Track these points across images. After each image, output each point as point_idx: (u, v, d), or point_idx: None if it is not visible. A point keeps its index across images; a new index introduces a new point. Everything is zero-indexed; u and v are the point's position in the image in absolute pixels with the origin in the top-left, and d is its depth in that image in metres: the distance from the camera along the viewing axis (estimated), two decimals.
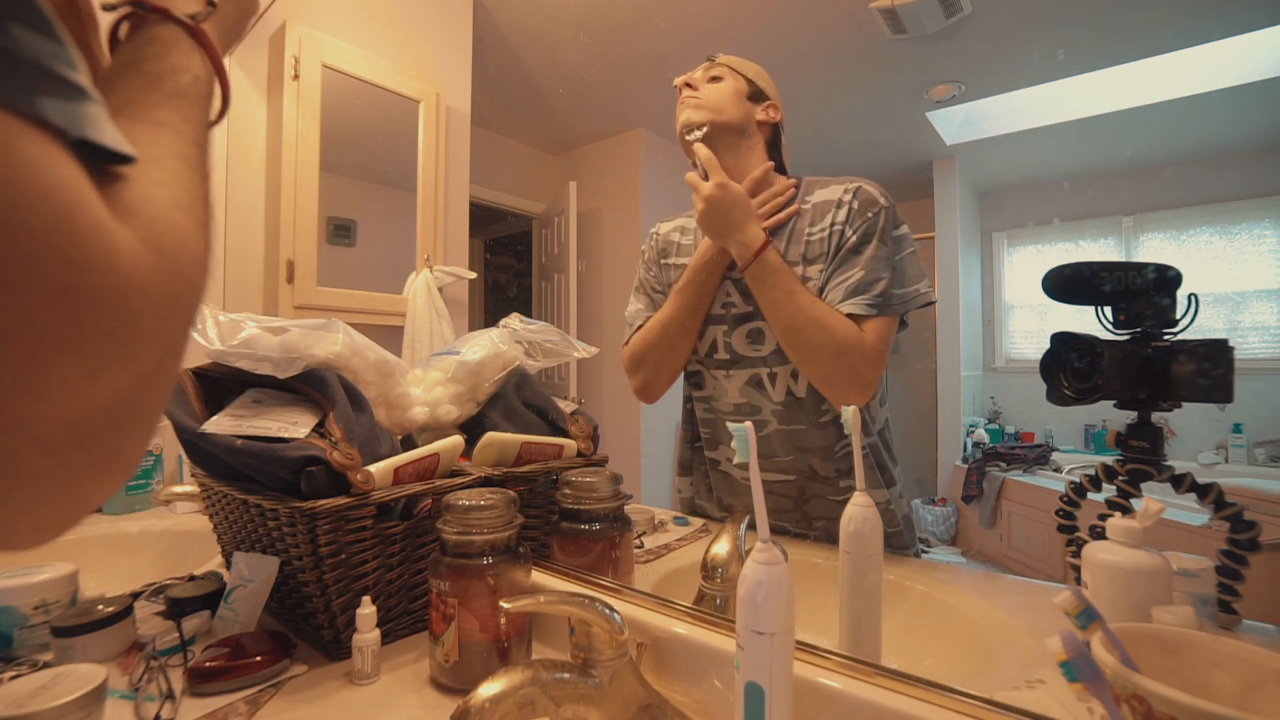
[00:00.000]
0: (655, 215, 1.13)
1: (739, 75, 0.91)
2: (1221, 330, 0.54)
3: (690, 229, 0.99)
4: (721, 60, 0.93)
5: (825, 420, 0.84)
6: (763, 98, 0.91)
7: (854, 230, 0.80)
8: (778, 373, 0.86)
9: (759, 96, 0.91)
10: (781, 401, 0.86)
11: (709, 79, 0.91)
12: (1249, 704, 0.36)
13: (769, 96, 0.92)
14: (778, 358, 0.85)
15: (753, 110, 0.90)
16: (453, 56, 1.69)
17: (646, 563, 0.87)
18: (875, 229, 0.79)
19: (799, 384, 0.85)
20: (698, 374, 0.95)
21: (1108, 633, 0.38)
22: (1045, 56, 0.87)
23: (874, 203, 0.80)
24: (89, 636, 0.65)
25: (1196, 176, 0.83)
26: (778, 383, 0.86)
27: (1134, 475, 0.54)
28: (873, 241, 0.79)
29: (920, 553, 0.86)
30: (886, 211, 0.80)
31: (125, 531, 1.11)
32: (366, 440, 0.74)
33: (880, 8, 1.03)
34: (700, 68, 0.94)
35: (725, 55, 0.93)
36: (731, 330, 0.89)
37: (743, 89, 0.90)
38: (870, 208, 0.80)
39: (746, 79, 0.91)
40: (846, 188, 0.83)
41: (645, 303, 1.00)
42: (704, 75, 0.92)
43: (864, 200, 0.81)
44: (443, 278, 1.58)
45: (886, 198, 0.81)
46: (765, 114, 0.91)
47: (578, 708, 0.49)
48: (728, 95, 0.90)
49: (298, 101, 1.40)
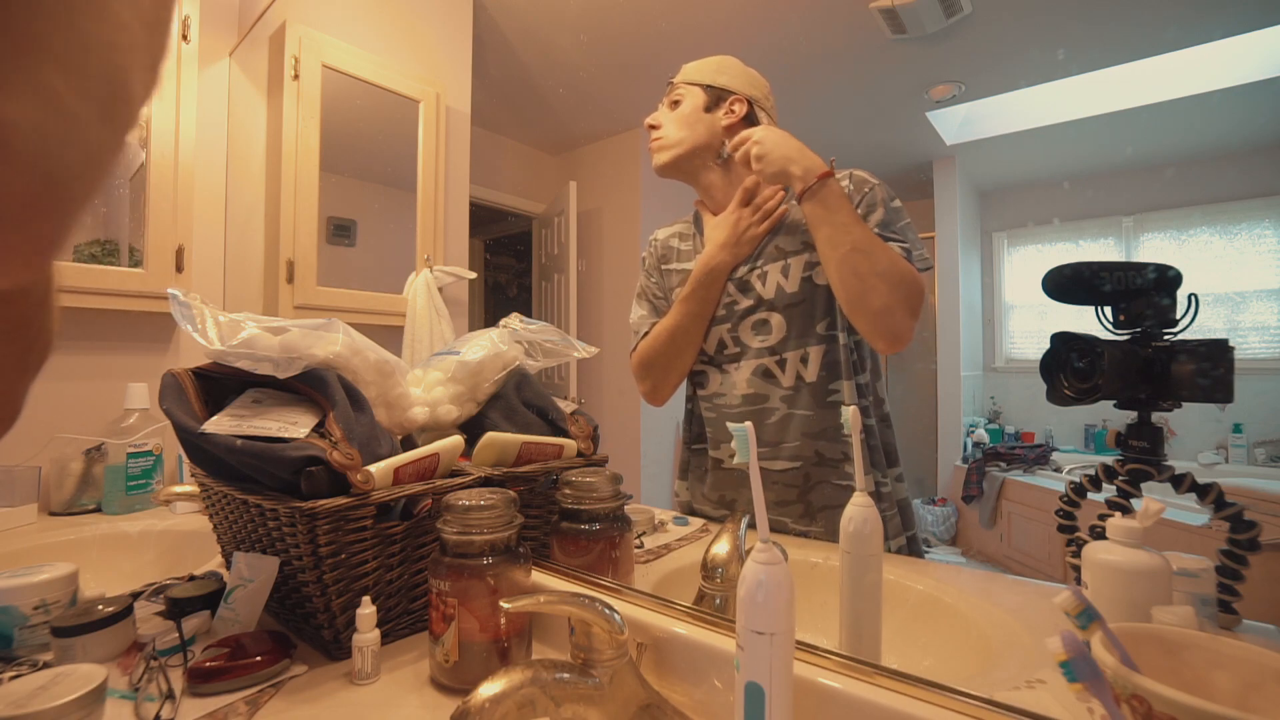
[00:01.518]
0: (655, 215, 1.13)
1: (694, 87, 0.92)
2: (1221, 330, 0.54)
3: (689, 235, 1.01)
4: (678, 79, 0.94)
5: (832, 402, 0.86)
6: (722, 99, 0.92)
7: (859, 204, 0.82)
8: (787, 359, 0.88)
9: (718, 101, 0.91)
10: (791, 386, 0.88)
11: (670, 105, 0.93)
12: (1249, 704, 0.36)
13: (732, 91, 0.92)
14: (786, 344, 0.88)
15: (715, 120, 0.91)
16: (453, 56, 1.69)
17: (646, 563, 0.87)
18: (877, 200, 0.83)
19: (808, 369, 0.87)
20: (701, 373, 0.96)
21: (1108, 633, 0.38)
22: (1045, 56, 0.87)
23: (867, 181, 0.84)
24: (89, 636, 0.65)
25: (1196, 176, 0.83)
26: (787, 368, 0.88)
27: (1134, 475, 0.54)
28: (879, 209, 0.82)
29: (914, 538, 0.87)
30: (880, 187, 0.84)
31: (125, 531, 1.11)
32: (366, 440, 0.74)
33: (880, 8, 1.03)
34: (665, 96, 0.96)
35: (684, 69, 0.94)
36: (736, 326, 0.91)
37: (699, 103, 0.91)
38: (865, 185, 0.84)
39: (702, 87, 0.92)
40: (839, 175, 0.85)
41: (648, 309, 1.02)
42: (667, 104, 0.94)
43: (858, 180, 0.84)
44: (443, 278, 1.58)
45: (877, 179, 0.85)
46: (728, 117, 0.92)
47: (578, 708, 0.49)
48: (685, 119, 0.91)
49: (298, 101, 1.40)
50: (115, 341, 1.37)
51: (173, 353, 1.46)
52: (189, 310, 0.73)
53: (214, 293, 1.55)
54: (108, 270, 1.29)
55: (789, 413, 0.88)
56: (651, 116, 0.95)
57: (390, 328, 1.52)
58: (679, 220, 1.05)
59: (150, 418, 1.27)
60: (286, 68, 1.39)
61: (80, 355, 1.32)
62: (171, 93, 1.36)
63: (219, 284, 1.57)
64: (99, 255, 1.32)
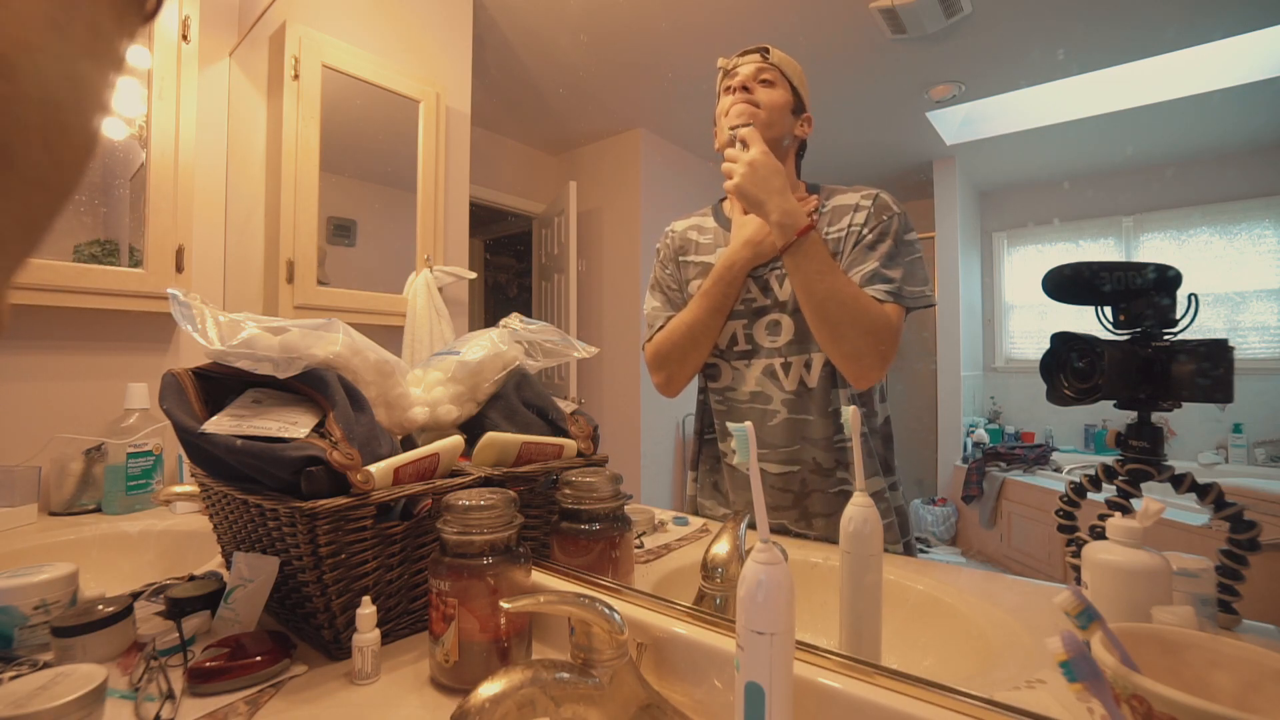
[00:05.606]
0: (655, 215, 1.13)
1: (787, 84, 0.89)
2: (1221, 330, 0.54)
3: (708, 228, 1.00)
4: (774, 60, 0.89)
5: (832, 410, 0.87)
6: (802, 109, 0.91)
7: (870, 230, 0.84)
8: (792, 362, 0.88)
9: (800, 109, 0.91)
10: (793, 391, 0.88)
11: (760, 81, 0.88)
12: (1249, 704, 0.36)
13: (806, 108, 0.91)
14: (791, 348, 0.88)
15: (793, 125, 0.90)
16: (453, 56, 1.69)
17: (646, 563, 0.87)
18: (890, 230, 0.84)
19: (811, 374, 0.87)
20: (714, 366, 0.97)
21: (1108, 633, 0.38)
22: (1045, 56, 0.87)
23: (889, 208, 0.85)
24: (89, 636, 0.65)
25: (1196, 176, 0.83)
26: (791, 372, 0.88)
27: (1134, 475, 0.54)
28: (887, 240, 0.83)
29: (910, 544, 0.87)
30: (899, 217, 0.85)
31: (125, 531, 1.11)
32: (366, 440, 0.74)
33: (880, 8, 1.03)
34: (750, 62, 0.89)
35: (775, 51, 0.89)
36: (751, 323, 0.92)
37: (790, 100, 0.89)
38: (885, 212, 0.85)
39: (793, 87, 0.90)
40: (865, 194, 0.86)
41: (663, 301, 1.02)
42: (755, 75, 0.88)
43: (880, 205, 0.85)
44: (443, 278, 1.58)
45: (900, 206, 0.86)
46: (802, 129, 0.91)
47: (578, 708, 0.49)
48: (780, 109, 0.88)
49: (298, 102, 1.40)
50: (115, 341, 1.37)
51: (173, 353, 1.46)
52: (189, 310, 0.73)
53: (214, 293, 1.55)
54: (108, 270, 1.29)
55: (788, 416, 0.88)
56: (743, 75, 0.88)
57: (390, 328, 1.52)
58: (695, 212, 1.04)
59: (150, 418, 1.27)
60: (286, 68, 1.39)
61: (80, 355, 1.32)
62: (171, 93, 1.36)
63: (219, 284, 1.57)
64: (99, 255, 1.32)
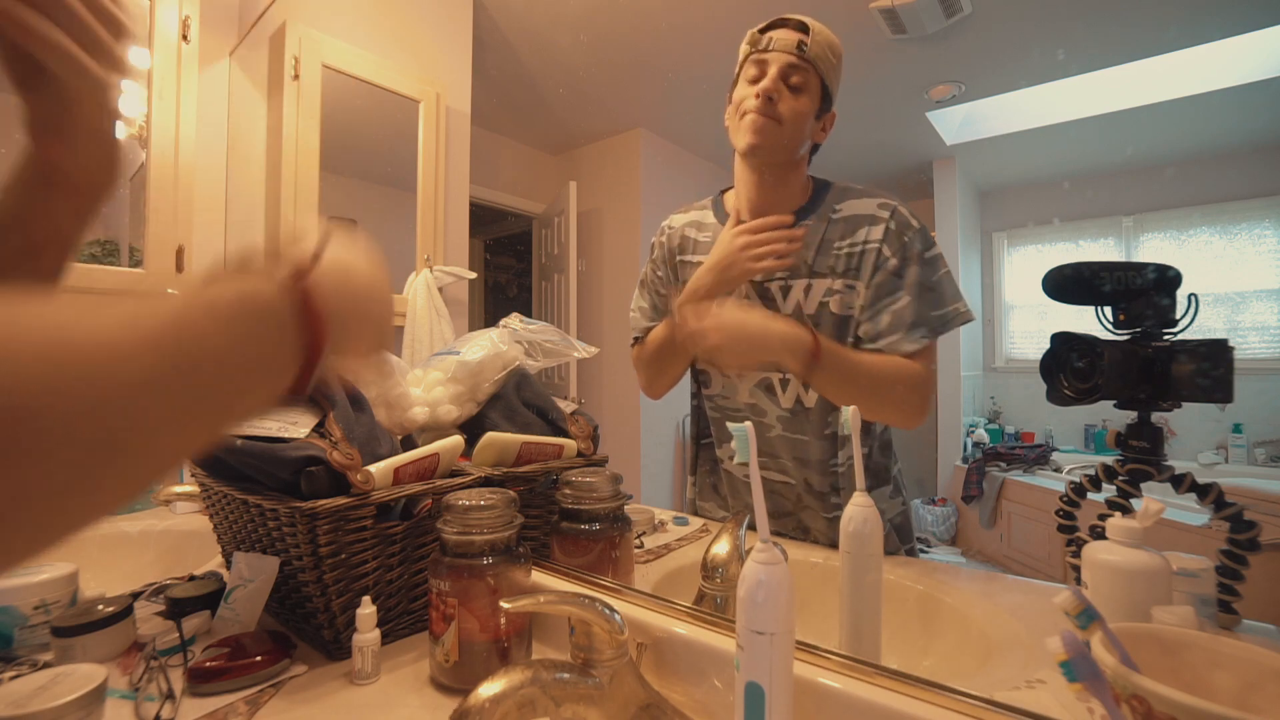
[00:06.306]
0: (655, 215, 1.13)
1: (818, 83, 0.79)
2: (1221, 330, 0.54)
3: (708, 224, 0.93)
4: (812, 53, 0.77)
5: (829, 433, 0.83)
6: (828, 107, 0.82)
7: (892, 252, 0.77)
8: (789, 378, 0.84)
9: (825, 108, 0.81)
10: (789, 409, 0.85)
11: (790, 86, 0.78)
12: (1249, 704, 0.36)
13: (834, 100, 0.82)
14: None
15: (814, 132, 0.82)
16: (453, 56, 1.69)
17: (646, 563, 0.87)
18: (912, 253, 0.77)
19: (809, 393, 0.83)
20: (705, 373, 0.95)
21: (1108, 633, 0.38)
22: (1045, 56, 0.87)
23: (909, 225, 0.78)
24: (89, 636, 0.65)
25: (1196, 176, 0.83)
26: (789, 389, 0.85)
27: (1134, 475, 0.54)
28: (912, 266, 0.77)
29: (912, 550, 0.86)
30: (920, 234, 0.78)
31: (125, 531, 1.11)
32: (366, 440, 0.74)
33: (880, 8, 1.03)
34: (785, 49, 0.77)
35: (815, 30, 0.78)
36: None
37: (815, 105, 0.80)
38: (906, 231, 0.78)
39: (823, 85, 0.79)
40: (882, 204, 0.79)
41: (648, 305, 0.99)
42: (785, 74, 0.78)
43: (900, 222, 0.78)
44: (443, 278, 1.58)
45: (918, 220, 0.79)
46: (822, 133, 0.83)
47: (578, 708, 0.49)
48: (801, 118, 0.79)
49: (298, 101, 1.40)
50: None
51: None
52: None
53: None
54: (108, 270, 1.29)
55: (783, 434, 0.85)
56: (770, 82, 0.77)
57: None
58: (694, 205, 0.97)
59: None
60: (286, 68, 1.39)
61: None
62: (172, 93, 1.36)
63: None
64: (99, 255, 1.32)
